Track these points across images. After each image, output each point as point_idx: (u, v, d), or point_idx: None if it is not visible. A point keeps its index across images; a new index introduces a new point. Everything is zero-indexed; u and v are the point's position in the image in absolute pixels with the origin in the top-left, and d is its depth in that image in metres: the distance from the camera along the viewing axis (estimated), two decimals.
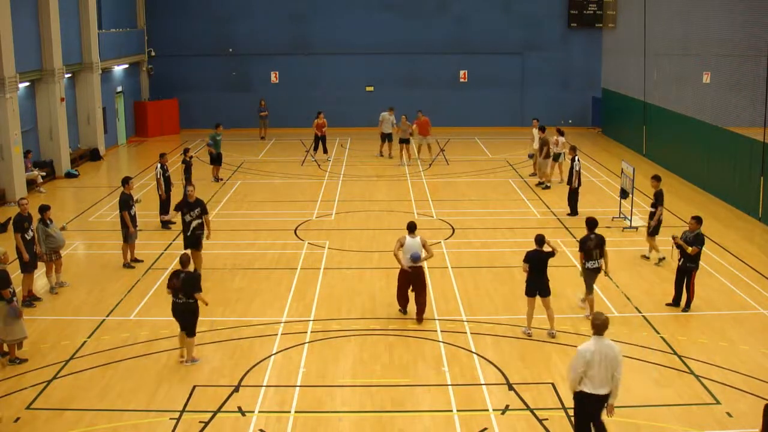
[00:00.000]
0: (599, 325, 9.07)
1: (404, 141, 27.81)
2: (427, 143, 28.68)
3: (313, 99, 34.95)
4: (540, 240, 13.15)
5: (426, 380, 11.66)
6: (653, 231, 16.76)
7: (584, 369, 8.98)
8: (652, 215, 16.80)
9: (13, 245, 14.82)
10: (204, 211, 16.02)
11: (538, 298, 13.08)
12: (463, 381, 11.60)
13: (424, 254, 13.47)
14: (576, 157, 20.91)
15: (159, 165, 19.59)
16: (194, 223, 15.80)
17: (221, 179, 25.38)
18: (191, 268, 12.49)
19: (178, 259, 12.83)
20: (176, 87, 35.48)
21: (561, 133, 24.38)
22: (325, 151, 29.02)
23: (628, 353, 12.21)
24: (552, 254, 13.17)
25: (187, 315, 12.03)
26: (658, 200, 16.81)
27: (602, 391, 9.05)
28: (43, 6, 25.15)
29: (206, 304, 12.48)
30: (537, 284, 12.99)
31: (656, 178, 17.21)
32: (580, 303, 14.28)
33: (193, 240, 15.93)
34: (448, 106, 34.99)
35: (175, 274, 12.05)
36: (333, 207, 21.99)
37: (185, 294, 11.94)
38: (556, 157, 24.11)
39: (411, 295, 13.84)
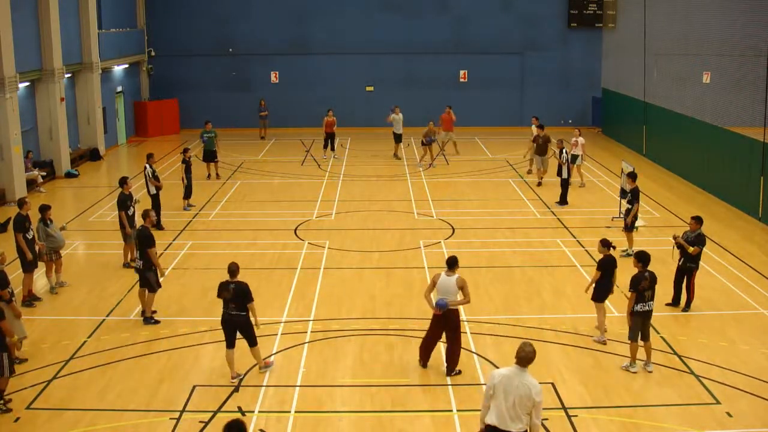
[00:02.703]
0: (522, 357, 8.04)
1: (428, 143, 27.72)
2: (452, 140, 29.34)
3: (313, 99, 34.99)
4: (609, 243, 12.86)
5: (426, 380, 11.66)
6: (630, 227, 17.26)
7: (491, 393, 8.06)
8: (628, 212, 17.21)
9: (11, 245, 14.84)
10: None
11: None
12: (463, 381, 11.59)
13: (458, 298, 11.49)
14: (563, 149, 21.93)
15: (148, 166, 19.49)
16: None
17: (219, 176, 25.48)
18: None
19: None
20: (176, 87, 35.48)
21: (580, 134, 24.59)
22: (333, 148, 29.06)
23: (628, 353, 12.18)
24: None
25: (243, 327, 11.51)
26: (634, 197, 17.20)
27: (510, 428, 7.96)
28: (43, 6, 25.15)
29: (257, 322, 11.63)
30: (608, 288, 12.72)
31: (631, 176, 17.71)
32: (596, 339, 12.96)
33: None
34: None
35: (224, 286, 11.47)
36: (333, 207, 21.99)
37: (237, 306, 11.40)
38: (574, 159, 24.16)
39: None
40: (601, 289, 12.76)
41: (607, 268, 12.67)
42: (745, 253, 17.62)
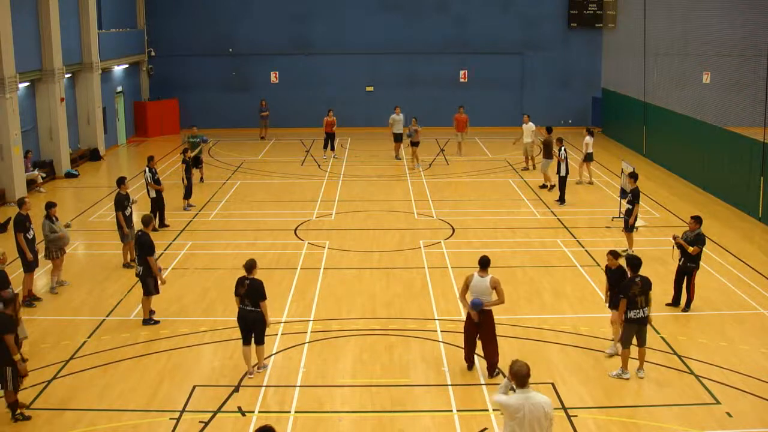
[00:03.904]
0: (518, 374, 7.55)
1: (414, 144, 27.08)
2: (459, 141, 29.20)
3: (313, 99, 35.01)
4: (618, 254, 12.35)
5: (426, 380, 11.66)
6: (630, 227, 17.22)
7: (509, 420, 7.60)
8: (629, 212, 17.13)
9: (12, 245, 14.83)
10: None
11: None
12: (463, 381, 11.60)
13: (492, 299, 11.43)
14: (563, 147, 22.02)
15: (147, 168, 19.44)
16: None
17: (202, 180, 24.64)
18: (256, 274, 11.66)
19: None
20: (176, 87, 35.48)
21: (591, 134, 24.58)
22: (333, 148, 29.06)
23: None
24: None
25: (255, 323, 11.56)
26: (635, 197, 17.15)
27: None
28: (43, 6, 25.14)
29: (267, 318, 11.63)
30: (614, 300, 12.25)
31: (632, 176, 17.67)
32: (608, 351, 12.50)
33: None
34: (448, 106, 34.88)
35: (240, 282, 11.65)
36: (333, 207, 21.99)
37: (252, 302, 11.50)
38: (589, 158, 24.28)
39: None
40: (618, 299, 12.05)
41: (620, 279, 12.06)
42: (745, 253, 17.62)
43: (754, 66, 21.50)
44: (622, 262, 12.21)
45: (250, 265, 11.66)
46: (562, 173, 21.84)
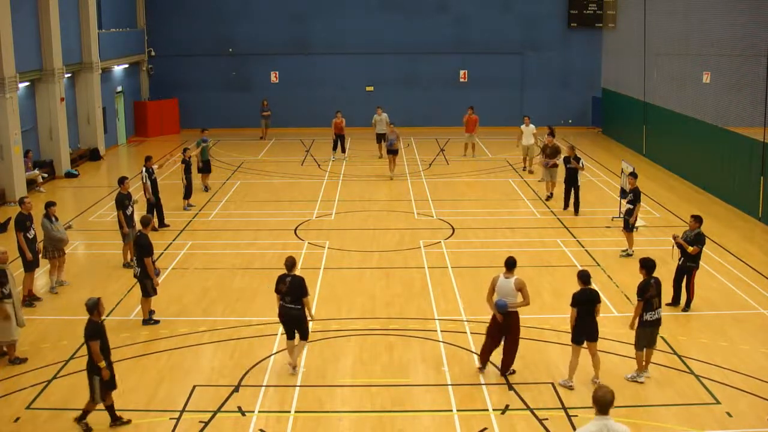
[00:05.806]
0: (601, 401, 7.12)
1: (392, 152, 25.65)
2: (472, 142, 28.91)
3: (313, 99, 35.03)
4: (587, 277, 11.39)
5: (426, 380, 11.66)
6: (631, 227, 17.20)
7: None
8: (629, 212, 17.09)
9: (13, 245, 14.83)
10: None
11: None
12: (463, 381, 11.60)
13: (517, 301, 11.31)
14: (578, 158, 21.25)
15: (144, 169, 19.41)
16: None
17: (208, 188, 23.83)
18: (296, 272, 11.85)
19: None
20: (176, 87, 35.47)
21: (552, 134, 24.10)
22: (343, 150, 29.04)
23: (628, 353, 12.20)
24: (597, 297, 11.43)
25: (296, 320, 11.67)
26: (636, 197, 17.10)
27: None
28: (43, 6, 25.14)
29: (311, 315, 11.93)
30: (586, 329, 11.28)
31: (633, 176, 17.63)
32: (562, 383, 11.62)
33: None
34: (448, 106, 34.95)
35: (281, 279, 11.74)
36: (333, 207, 21.99)
37: (293, 299, 11.61)
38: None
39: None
40: (577, 330, 11.36)
41: (584, 305, 11.29)
42: (745, 253, 17.62)
43: (754, 66, 21.49)
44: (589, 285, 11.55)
45: (292, 263, 11.78)
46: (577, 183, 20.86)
